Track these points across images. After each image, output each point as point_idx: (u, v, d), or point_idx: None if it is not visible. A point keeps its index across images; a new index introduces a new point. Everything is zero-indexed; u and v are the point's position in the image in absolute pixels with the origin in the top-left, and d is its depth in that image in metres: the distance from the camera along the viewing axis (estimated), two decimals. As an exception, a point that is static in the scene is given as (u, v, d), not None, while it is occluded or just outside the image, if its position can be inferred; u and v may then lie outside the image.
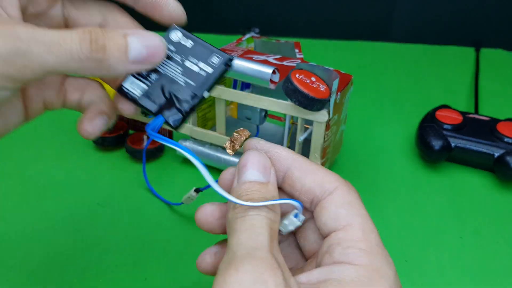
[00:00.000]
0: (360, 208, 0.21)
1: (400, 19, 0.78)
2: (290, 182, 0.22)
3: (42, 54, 0.19)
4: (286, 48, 0.46)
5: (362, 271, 0.18)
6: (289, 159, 0.22)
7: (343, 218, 0.20)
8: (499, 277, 0.34)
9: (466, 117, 0.47)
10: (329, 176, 0.21)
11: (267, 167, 0.21)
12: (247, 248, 0.18)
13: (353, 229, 0.20)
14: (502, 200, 0.42)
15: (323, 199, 0.21)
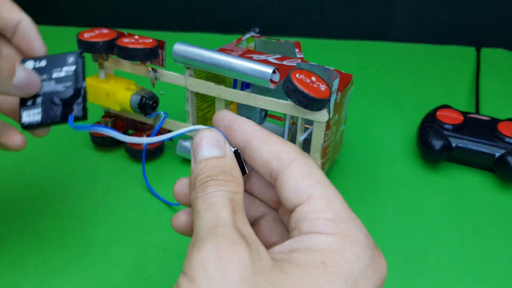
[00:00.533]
0: (319, 176, 0.20)
1: (401, 19, 0.78)
2: (249, 153, 0.21)
3: None
4: (286, 48, 0.46)
5: (332, 240, 0.18)
6: (250, 130, 0.21)
7: (304, 191, 0.19)
8: (499, 277, 0.34)
9: (466, 117, 0.47)
10: (286, 147, 0.21)
11: (220, 141, 0.21)
12: (209, 227, 0.18)
13: (316, 200, 0.19)
14: (503, 200, 0.42)
15: (281, 172, 0.20)
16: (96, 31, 0.39)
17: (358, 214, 0.40)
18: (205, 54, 0.36)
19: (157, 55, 0.38)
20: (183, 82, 0.39)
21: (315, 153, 0.36)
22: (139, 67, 0.40)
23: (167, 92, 0.54)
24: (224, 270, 0.17)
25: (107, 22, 0.81)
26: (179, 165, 0.44)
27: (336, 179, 0.43)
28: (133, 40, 0.38)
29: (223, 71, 0.36)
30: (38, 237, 0.36)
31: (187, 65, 0.38)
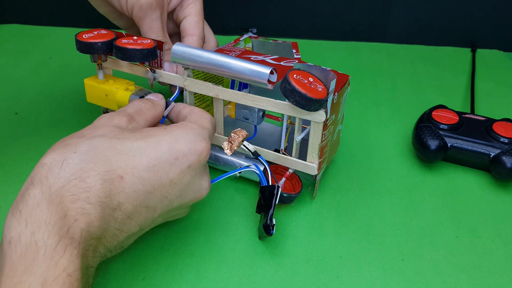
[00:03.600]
0: (202, 116, 0.34)
1: (397, 20, 0.78)
2: (177, 115, 0.36)
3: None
4: (283, 49, 0.46)
5: (182, 124, 0.32)
6: (179, 106, 0.37)
7: (186, 116, 0.35)
8: (494, 275, 0.34)
9: (462, 117, 0.47)
10: (193, 107, 0.36)
11: (159, 97, 0.37)
12: (118, 110, 0.33)
13: (190, 117, 0.34)
14: (498, 199, 0.42)
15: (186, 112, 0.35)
16: (94, 31, 0.39)
17: (355, 213, 0.41)
18: (203, 55, 0.37)
19: (156, 56, 0.38)
20: (181, 82, 0.40)
21: (313, 153, 0.36)
22: (138, 68, 0.41)
23: (166, 92, 0.55)
24: (108, 119, 0.31)
25: (106, 23, 0.82)
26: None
27: (333, 178, 0.44)
28: (131, 41, 0.38)
29: (221, 71, 0.36)
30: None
31: (185, 66, 0.39)
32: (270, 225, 0.32)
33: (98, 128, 0.29)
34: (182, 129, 0.30)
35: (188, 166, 0.29)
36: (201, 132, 0.31)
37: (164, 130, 0.30)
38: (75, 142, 0.27)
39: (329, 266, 0.34)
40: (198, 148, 0.30)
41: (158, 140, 0.29)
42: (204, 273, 0.33)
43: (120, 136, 0.28)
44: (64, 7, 0.82)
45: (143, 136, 0.29)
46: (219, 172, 0.43)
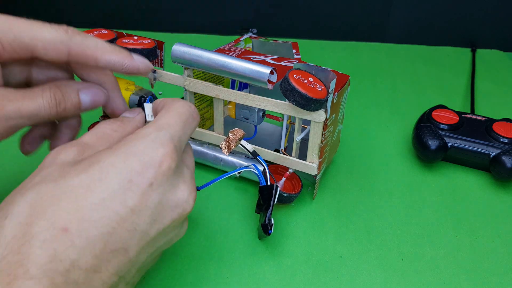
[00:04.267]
0: (170, 108, 0.28)
1: (396, 20, 0.78)
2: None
3: (25, 123, 0.27)
4: (283, 49, 0.46)
5: (132, 136, 0.26)
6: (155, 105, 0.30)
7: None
8: (494, 275, 0.34)
9: (462, 117, 0.47)
10: (169, 99, 0.29)
11: (135, 112, 0.31)
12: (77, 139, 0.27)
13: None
14: (498, 199, 0.42)
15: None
16: (95, 31, 0.39)
17: (355, 213, 0.41)
18: (203, 55, 0.37)
19: (156, 56, 0.38)
20: (181, 82, 0.40)
21: (313, 153, 0.36)
22: (138, 68, 0.40)
23: (165, 92, 0.55)
24: (54, 155, 0.25)
25: (106, 23, 0.82)
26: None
27: (333, 178, 0.44)
28: (132, 40, 0.38)
29: (221, 71, 0.36)
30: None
31: (185, 66, 0.39)
32: (268, 225, 0.32)
33: (40, 171, 0.24)
34: (131, 140, 0.25)
35: (148, 185, 0.24)
36: (156, 136, 0.25)
37: (108, 151, 0.24)
38: (10, 201, 0.22)
39: (329, 266, 0.34)
40: (154, 159, 0.24)
41: (101, 166, 0.23)
42: (204, 273, 0.33)
43: (59, 175, 0.23)
44: (64, 7, 0.82)
45: (86, 166, 0.23)
46: (219, 172, 0.43)
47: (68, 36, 0.27)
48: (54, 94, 0.28)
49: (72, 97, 0.29)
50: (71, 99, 0.28)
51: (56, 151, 0.25)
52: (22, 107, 0.26)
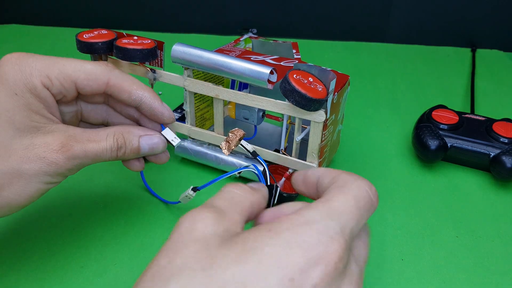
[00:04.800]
0: (344, 189, 0.24)
1: (396, 20, 0.78)
2: (319, 188, 0.26)
3: (89, 163, 0.29)
4: (283, 49, 0.46)
5: (295, 218, 0.21)
6: (319, 172, 0.27)
7: (323, 193, 0.24)
8: (494, 275, 0.34)
9: (462, 117, 0.47)
10: (344, 173, 0.25)
11: (260, 184, 0.28)
12: (205, 203, 0.24)
13: (319, 199, 0.23)
14: (498, 199, 0.42)
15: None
16: (95, 31, 0.39)
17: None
18: (203, 55, 0.37)
19: (156, 56, 0.38)
20: (181, 82, 0.40)
21: (312, 153, 0.36)
22: (138, 68, 0.41)
23: (165, 92, 0.55)
24: (190, 225, 0.22)
25: (106, 23, 0.82)
26: (178, 164, 0.45)
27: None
28: (132, 41, 0.38)
29: (221, 71, 0.36)
30: (37, 236, 0.36)
31: (185, 66, 0.39)
32: None
33: (178, 252, 0.20)
34: (295, 226, 0.20)
35: (311, 286, 0.19)
36: (326, 227, 0.21)
37: (266, 234, 0.20)
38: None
39: (329, 266, 0.34)
40: (321, 256, 0.20)
41: (260, 258, 0.19)
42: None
43: (207, 261, 0.19)
44: (64, 7, 0.82)
45: (238, 253, 0.19)
46: (219, 172, 0.43)
47: (108, 69, 0.31)
48: (117, 139, 0.30)
49: (133, 143, 0.31)
50: (132, 145, 0.31)
51: (192, 219, 0.22)
52: (87, 148, 0.29)
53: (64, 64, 0.29)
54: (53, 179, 0.28)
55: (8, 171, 0.27)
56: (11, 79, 0.27)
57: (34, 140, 0.27)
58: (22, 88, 0.27)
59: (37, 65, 0.28)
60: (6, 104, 0.27)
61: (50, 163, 0.28)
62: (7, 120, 0.27)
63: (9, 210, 0.28)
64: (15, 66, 0.28)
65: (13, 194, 0.27)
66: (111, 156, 0.30)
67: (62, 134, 0.29)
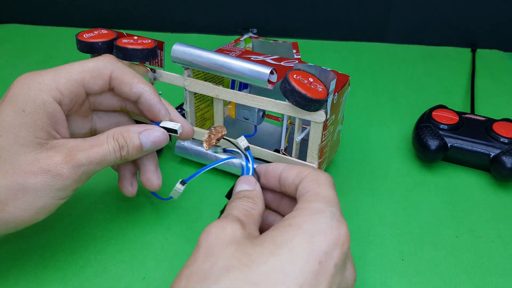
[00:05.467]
0: (319, 181, 0.28)
1: (396, 20, 0.78)
2: (282, 182, 0.30)
3: (96, 169, 0.29)
4: (283, 49, 0.46)
5: (302, 211, 0.25)
6: (280, 168, 0.30)
7: (304, 189, 0.27)
8: (494, 275, 0.34)
9: (462, 117, 0.47)
10: (305, 167, 0.30)
11: (252, 182, 0.30)
12: (222, 217, 0.27)
13: (306, 193, 0.27)
14: (498, 199, 0.42)
15: (300, 182, 0.28)
16: (95, 31, 0.39)
17: (355, 213, 0.41)
18: (203, 55, 0.37)
19: (156, 56, 0.38)
20: (181, 82, 0.40)
21: (313, 153, 0.36)
22: (138, 68, 0.41)
23: (165, 92, 0.55)
24: (219, 232, 0.24)
25: (107, 23, 0.82)
26: (178, 164, 0.45)
27: (333, 178, 0.44)
28: (132, 40, 0.38)
29: (221, 71, 0.36)
30: (37, 236, 0.36)
31: (185, 66, 0.39)
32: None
33: (217, 255, 0.23)
34: (310, 217, 0.24)
35: (334, 266, 0.23)
36: (332, 213, 0.25)
37: (289, 229, 0.24)
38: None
39: (329, 266, 0.34)
40: (338, 238, 0.24)
41: (291, 248, 0.23)
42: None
43: (247, 258, 0.22)
44: (64, 7, 0.82)
45: (271, 248, 0.23)
46: (219, 172, 0.43)
47: (110, 62, 0.31)
48: (117, 140, 0.30)
49: (134, 140, 0.31)
50: (133, 143, 0.31)
51: (219, 226, 0.25)
52: (90, 154, 0.29)
53: (68, 70, 0.30)
54: (60, 193, 0.28)
55: (13, 186, 0.27)
56: (20, 97, 0.28)
57: (38, 156, 0.28)
58: (31, 105, 0.28)
59: (45, 80, 0.29)
60: (13, 121, 0.28)
61: (55, 175, 0.27)
62: (13, 137, 0.27)
63: (15, 226, 0.28)
64: (24, 84, 0.28)
65: (18, 209, 0.27)
66: (115, 157, 0.30)
67: (64, 147, 0.29)
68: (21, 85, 0.28)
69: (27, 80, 0.29)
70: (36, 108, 0.28)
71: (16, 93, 0.28)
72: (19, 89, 0.28)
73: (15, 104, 0.28)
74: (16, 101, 0.28)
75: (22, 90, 0.28)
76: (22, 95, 0.28)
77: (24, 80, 0.29)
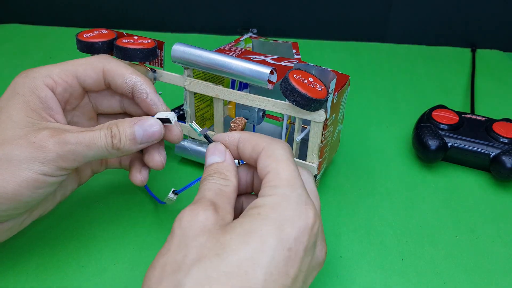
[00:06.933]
0: (276, 156, 0.27)
1: (396, 20, 0.78)
2: (240, 154, 0.29)
3: (84, 151, 0.29)
4: (283, 49, 0.46)
5: (269, 198, 0.25)
6: (236, 139, 0.29)
7: (265, 169, 0.26)
8: (494, 275, 0.34)
9: (462, 117, 0.47)
10: (260, 139, 0.28)
11: (221, 150, 0.29)
12: (194, 200, 0.26)
13: (268, 174, 0.26)
14: (498, 199, 0.42)
15: (258, 158, 0.27)
16: (95, 31, 0.39)
17: (355, 213, 0.41)
18: (203, 55, 0.37)
19: (156, 56, 0.38)
20: (181, 82, 0.40)
21: (313, 153, 0.36)
22: (138, 67, 0.41)
23: (165, 92, 0.55)
24: (192, 219, 0.24)
25: (107, 23, 0.82)
26: (178, 164, 0.45)
27: (333, 178, 0.44)
28: (132, 40, 0.38)
29: (221, 71, 0.36)
30: (37, 236, 0.36)
31: (185, 66, 0.39)
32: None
33: (189, 245, 0.23)
34: (277, 206, 0.24)
35: (304, 250, 0.24)
36: (298, 197, 0.25)
37: (258, 217, 0.24)
38: (174, 285, 0.22)
39: (329, 266, 0.34)
40: (307, 222, 0.24)
41: (261, 236, 0.23)
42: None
43: (218, 247, 0.23)
44: (64, 7, 0.82)
45: (242, 235, 0.23)
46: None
47: (104, 57, 0.33)
48: (110, 127, 0.30)
49: (127, 129, 0.30)
50: (125, 131, 0.30)
51: (192, 213, 0.24)
52: (80, 135, 0.29)
53: (63, 63, 0.32)
54: (44, 167, 0.28)
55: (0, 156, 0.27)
56: (18, 85, 0.30)
57: (27, 132, 0.28)
58: (24, 89, 0.30)
59: (41, 70, 0.31)
60: (7, 101, 0.30)
61: (39, 146, 0.27)
62: (5, 115, 0.29)
63: (1, 201, 0.27)
64: (22, 75, 0.31)
65: (2, 180, 0.27)
66: (106, 143, 0.29)
67: (56, 126, 0.29)
68: (20, 76, 0.31)
69: (26, 72, 0.31)
70: (29, 91, 0.30)
71: (15, 82, 0.31)
72: (18, 79, 0.31)
73: (12, 90, 0.30)
74: (14, 88, 0.30)
75: (20, 79, 0.31)
76: (19, 83, 0.30)
77: (23, 73, 0.31)
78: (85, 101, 0.35)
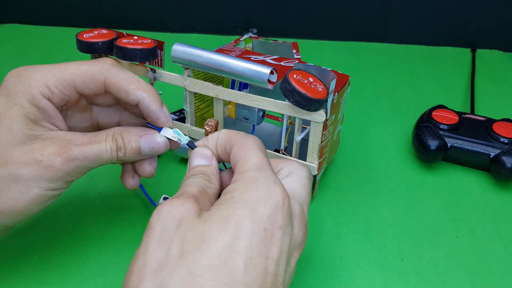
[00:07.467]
0: (247, 146, 0.27)
1: (396, 20, 0.78)
2: (219, 151, 0.29)
3: (90, 165, 0.29)
4: (283, 49, 0.46)
5: (239, 183, 0.25)
6: (216, 138, 0.29)
7: (235, 158, 0.27)
8: (494, 275, 0.34)
9: (462, 117, 0.47)
10: (234, 134, 0.28)
11: (208, 156, 0.29)
12: (176, 194, 0.26)
13: (238, 163, 0.27)
14: (498, 199, 0.42)
15: (230, 150, 0.28)
16: (95, 31, 0.39)
17: (355, 213, 0.41)
18: (203, 55, 0.37)
19: (156, 56, 0.38)
20: (181, 82, 0.40)
21: (313, 153, 0.36)
22: (138, 68, 0.41)
23: (165, 92, 0.55)
24: (171, 211, 0.23)
25: (107, 23, 0.82)
26: (178, 165, 0.45)
27: (333, 179, 0.44)
28: (132, 40, 0.38)
29: (221, 71, 0.36)
30: (37, 236, 0.36)
31: (185, 66, 0.39)
32: None
33: (170, 241, 0.23)
34: (248, 187, 0.24)
35: (279, 229, 0.23)
36: (266, 177, 0.25)
37: (233, 201, 0.24)
38: (160, 285, 0.21)
39: (329, 266, 0.34)
40: (277, 200, 0.24)
41: (238, 220, 0.23)
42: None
43: (198, 242, 0.22)
44: (64, 7, 0.82)
45: (219, 223, 0.23)
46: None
47: (106, 67, 0.30)
48: (116, 140, 0.30)
49: (133, 143, 0.30)
50: (131, 145, 0.30)
51: (173, 206, 0.24)
52: (86, 150, 0.28)
53: (61, 70, 0.29)
54: (52, 184, 0.28)
55: (5, 176, 0.27)
56: (12, 91, 0.28)
57: (31, 146, 0.27)
58: (21, 99, 0.28)
59: (36, 76, 0.29)
60: (5, 113, 0.28)
61: (47, 166, 0.27)
62: (6, 129, 0.28)
63: (10, 218, 0.28)
64: (16, 78, 0.29)
65: (11, 199, 0.27)
66: (111, 156, 0.30)
67: (60, 139, 0.28)
68: (14, 78, 0.29)
69: (19, 74, 0.29)
70: (27, 102, 0.28)
71: (9, 86, 0.28)
72: (11, 82, 0.28)
73: (8, 98, 0.28)
74: (9, 94, 0.28)
75: (14, 83, 0.28)
76: (13, 89, 0.28)
77: (16, 74, 0.29)
78: (81, 101, 0.33)
